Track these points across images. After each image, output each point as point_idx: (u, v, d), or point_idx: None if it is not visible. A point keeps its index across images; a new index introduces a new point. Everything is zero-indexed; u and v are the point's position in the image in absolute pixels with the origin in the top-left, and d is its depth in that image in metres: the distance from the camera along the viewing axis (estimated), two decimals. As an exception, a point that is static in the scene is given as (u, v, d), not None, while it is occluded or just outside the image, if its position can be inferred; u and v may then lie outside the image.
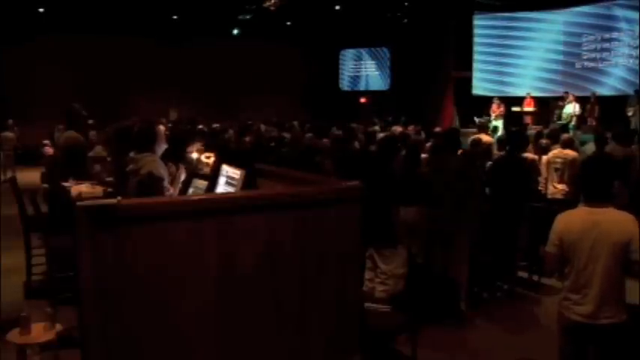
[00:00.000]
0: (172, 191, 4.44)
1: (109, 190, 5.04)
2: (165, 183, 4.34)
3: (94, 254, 2.45)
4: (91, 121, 11.12)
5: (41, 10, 18.11)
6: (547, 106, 17.68)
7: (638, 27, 15.70)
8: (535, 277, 6.63)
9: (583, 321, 3.25)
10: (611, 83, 17.34)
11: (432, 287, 5.21)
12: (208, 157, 4.57)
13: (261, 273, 2.86)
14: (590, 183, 3.32)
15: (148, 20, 19.06)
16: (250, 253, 2.82)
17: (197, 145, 5.49)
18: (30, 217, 6.15)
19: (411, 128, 11.74)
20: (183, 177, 4.68)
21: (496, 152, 8.33)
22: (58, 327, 3.89)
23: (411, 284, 4.62)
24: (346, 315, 3.17)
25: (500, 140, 8.24)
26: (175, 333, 2.65)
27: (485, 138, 9.38)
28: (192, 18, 19.67)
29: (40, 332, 3.82)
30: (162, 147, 4.61)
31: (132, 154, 4.40)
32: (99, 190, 4.99)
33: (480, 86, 20.71)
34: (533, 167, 7.49)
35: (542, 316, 5.84)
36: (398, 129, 10.97)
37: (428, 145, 8.49)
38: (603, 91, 17.13)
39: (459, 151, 6.62)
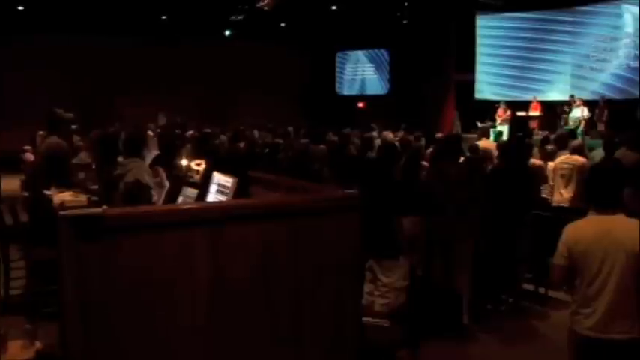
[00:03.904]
0: (156, 198, 4.45)
1: (94, 198, 5.01)
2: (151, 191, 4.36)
3: (78, 267, 2.45)
4: (74, 126, 11.06)
5: (20, 8, 18.02)
6: (554, 110, 17.70)
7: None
8: (541, 290, 6.63)
9: (594, 335, 3.20)
10: (621, 86, 17.37)
11: (433, 300, 5.22)
12: (199, 165, 4.57)
13: (254, 285, 2.86)
14: (598, 190, 3.29)
15: (136, 20, 19.04)
16: (243, 265, 2.82)
17: (186, 151, 5.50)
18: (9, 228, 6.12)
19: (401, 134, 11.75)
20: (166, 183, 4.66)
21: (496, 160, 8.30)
22: (38, 345, 3.87)
23: (410, 297, 4.62)
24: (344, 329, 3.17)
25: (500, 147, 8.24)
26: (166, 348, 2.64)
27: (484, 144, 9.40)
28: (182, 18, 19.68)
29: (17, 350, 3.79)
30: (152, 153, 4.64)
31: (120, 159, 4.42)
32: (83, 198, 4.95)
33: (482, 90, 20.77)
34: (538, 174, 7.49)
35: (548, 330, 5.84)
36: (389, 135, 11.00)
37: (429, 151, 8.50)
38: (613, 94, 17.17)
39: (461, 159, 6.64)
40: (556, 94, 18.56)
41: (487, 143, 9.67)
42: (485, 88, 20.74)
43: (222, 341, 2.80)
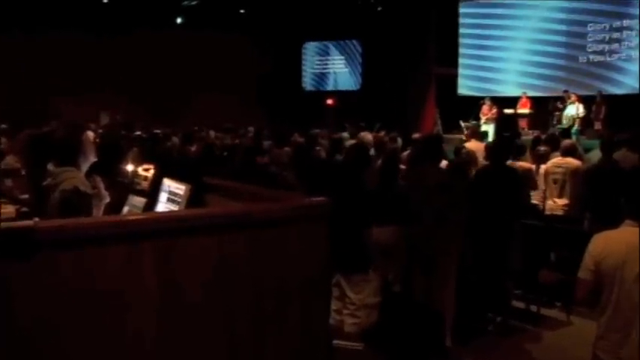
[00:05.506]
0: (96, 212, 4.40)
1: (24, 209, 4.97)
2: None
3: (5, 290, 2.41)
4: (4, 126, 10.95)
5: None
6: (545, 107, 17.93)
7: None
8: (533, 308, 6.70)
9: None
10: (621, 80, 17.66)
11: (412, 320, 5.25)
12: (147, 170, 4.54)
13: (210, 304, 2.85)
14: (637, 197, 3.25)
15: (74, 6, 18.85)
16: (198, 282, 2.82)
17: (133, 155, 5.46)
18: None
19: (382, 134, 11.83)
20: (105, 194, 4.62)
21: (482, 161, 8.39)
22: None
23: (387, 316, 4.64)
24: (311, 352, 3.18)
25: (488, 148, 8.32)
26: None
27: (472, 145, 9.48)
28: (127, 3, 19.54)
29: None
30: (89, 160, 4.56)
31: (50, 166, 4.35)
32: (11, 209, 4.92)
33: (466, 85, 20.99)
34: (526, 178, 7.57)
35: (540, 352, 5.91)
36: (367, 136, 11.06)
37: (405, 154, 8.56)
38: (612, 89, 17.44)
39: (442, 162, 6.70)
40: (548, 89, 18.78)
41: (477, 144, 9.67)
42: (469, 83, 20.94)
43: (174, 368, 2.79)
